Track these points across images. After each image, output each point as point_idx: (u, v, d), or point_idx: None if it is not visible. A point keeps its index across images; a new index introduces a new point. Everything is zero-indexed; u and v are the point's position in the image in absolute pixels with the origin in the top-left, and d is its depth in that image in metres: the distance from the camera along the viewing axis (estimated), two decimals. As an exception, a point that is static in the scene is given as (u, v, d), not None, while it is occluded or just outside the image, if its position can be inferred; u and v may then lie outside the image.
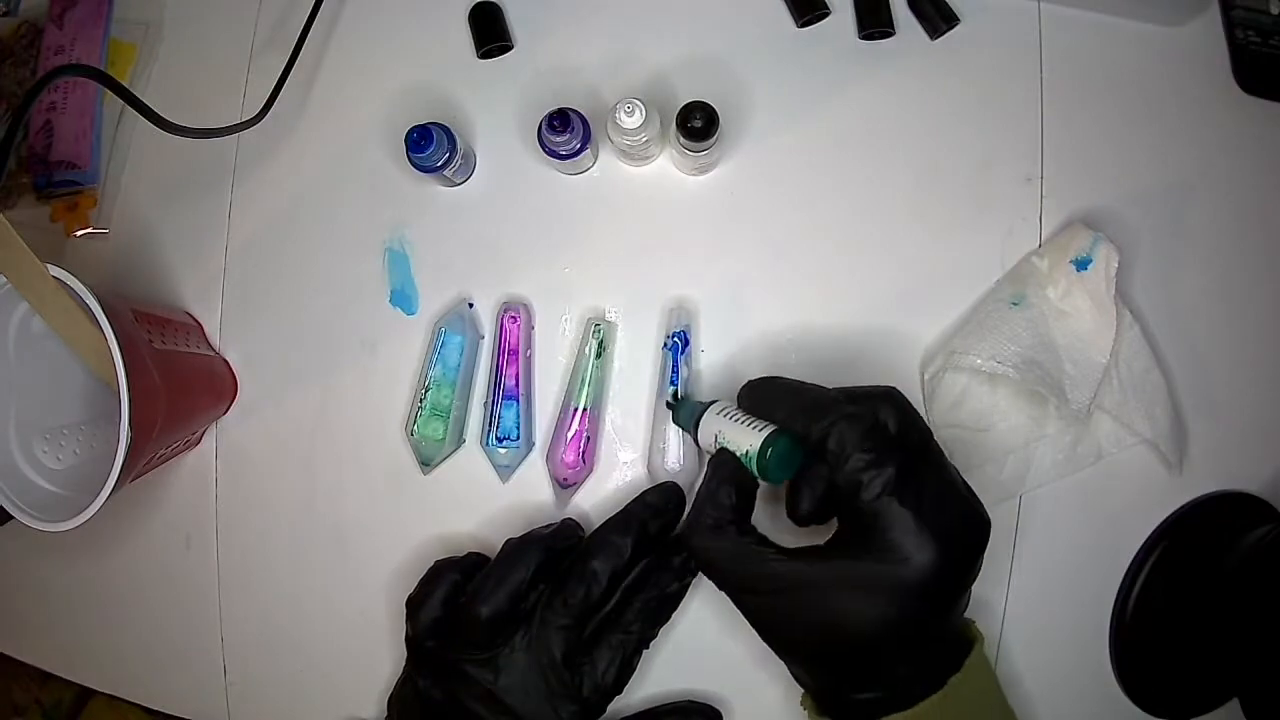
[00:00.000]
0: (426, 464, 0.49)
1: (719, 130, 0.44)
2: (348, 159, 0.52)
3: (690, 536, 0.38)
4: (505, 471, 0.48)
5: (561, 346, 0.49)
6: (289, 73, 0.50)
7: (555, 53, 0.51)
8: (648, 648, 0.43)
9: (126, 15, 0.55)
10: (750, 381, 0.40)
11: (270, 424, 0.51)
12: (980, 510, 0.36)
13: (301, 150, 0.52)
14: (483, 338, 0.49)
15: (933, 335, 0.48)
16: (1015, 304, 0.45)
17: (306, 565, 0.50)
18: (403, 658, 0.44)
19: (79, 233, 0.53)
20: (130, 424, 0.39)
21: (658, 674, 0.47)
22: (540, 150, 0.46)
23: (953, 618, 0.36)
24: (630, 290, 0.49)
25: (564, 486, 0.48)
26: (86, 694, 0.79)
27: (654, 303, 0.49)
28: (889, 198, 0.49)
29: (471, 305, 0.50)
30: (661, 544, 0.43)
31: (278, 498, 0.51)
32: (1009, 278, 0.47)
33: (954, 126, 0.49)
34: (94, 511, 0.40)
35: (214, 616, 0.51)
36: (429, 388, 0.47)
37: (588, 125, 0.46)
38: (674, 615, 0.44)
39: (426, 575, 0.43)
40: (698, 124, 0.43)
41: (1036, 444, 0.46)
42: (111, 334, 0.38)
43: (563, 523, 0.44)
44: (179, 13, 0.55)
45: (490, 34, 0.51)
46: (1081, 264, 0.45)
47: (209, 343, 0.52)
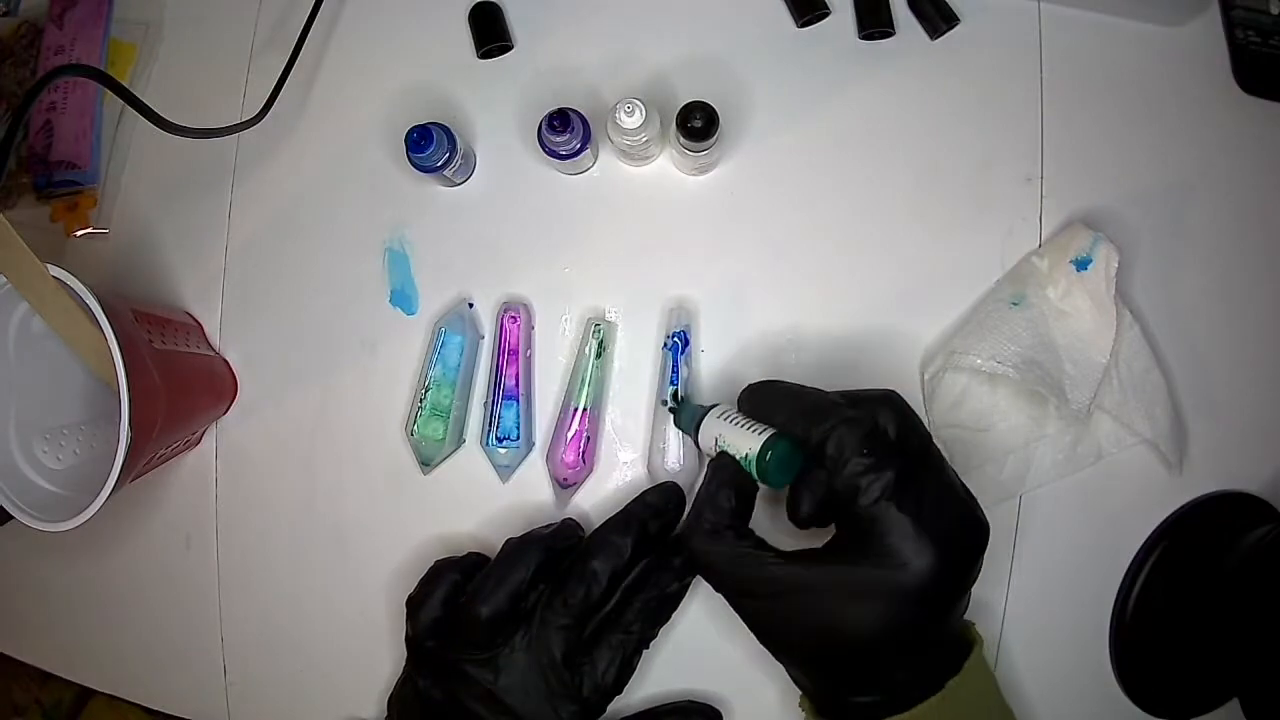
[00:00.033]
0: (426, 464, 0.49)
1: (719, 130, 0.44)
2: (348, 159, 0.52)
3: (688, 539, 0.38)
4: (505, 471, 0.48)
5: (561, 346, 0.49)
6: (289, 73, 0.50)
7: (555, 53, 0.51)
8: (648, 648, 0.43)
9: (126, 15, 0.55)
10: (750, 385, 0.40)
11: (270, 424, 0.51)
12: (979, 515, 0.36)
13: (301, 150, 0.52)
14: (483, 338, 0.49)
15: (933, 335, 0.48)
16: (1015, 304, 0.45)
17: (306, 565, 0.50)
18: (403, 658, 0.44)
19: (79, 233, 0.53)
20: (130, 424, 0.39)
21: (658, 674, 0.47)
22: (540, 150, 0.46)
23: (951, 621, 0.36)
24: (630, 290, 0.49)
25: (564, 486, 0.48)
26: (86, 694, 0.79)
27: (654, 303, 0.49)
28: (889, 198, 0.49)
29: (471, 305, 0.50)
30: (661, 544, 0.43)
31: (278, 498, 0.51)
32: (1009, 278, 0.47)
33: (954, 126, 0.49)
34: (94, 511, 0.40)
35: (214, 616, 0.51)
36: (429, 388, 0.47)
37: (588, 125, 0.46)
38: (674, 615, 0.44)
39: (427, 575, 0.43)
40: (698, 124, 0.43)
41: (1036, 444, 0.46)
42: (111, 334, 0.38)
43: (563, 523, 0.44)
44: (179, 13, 0.55)
45: (490, 34, 0.51)
46: (1081, 264, 0.45)
47: (209, 343, 0.52)
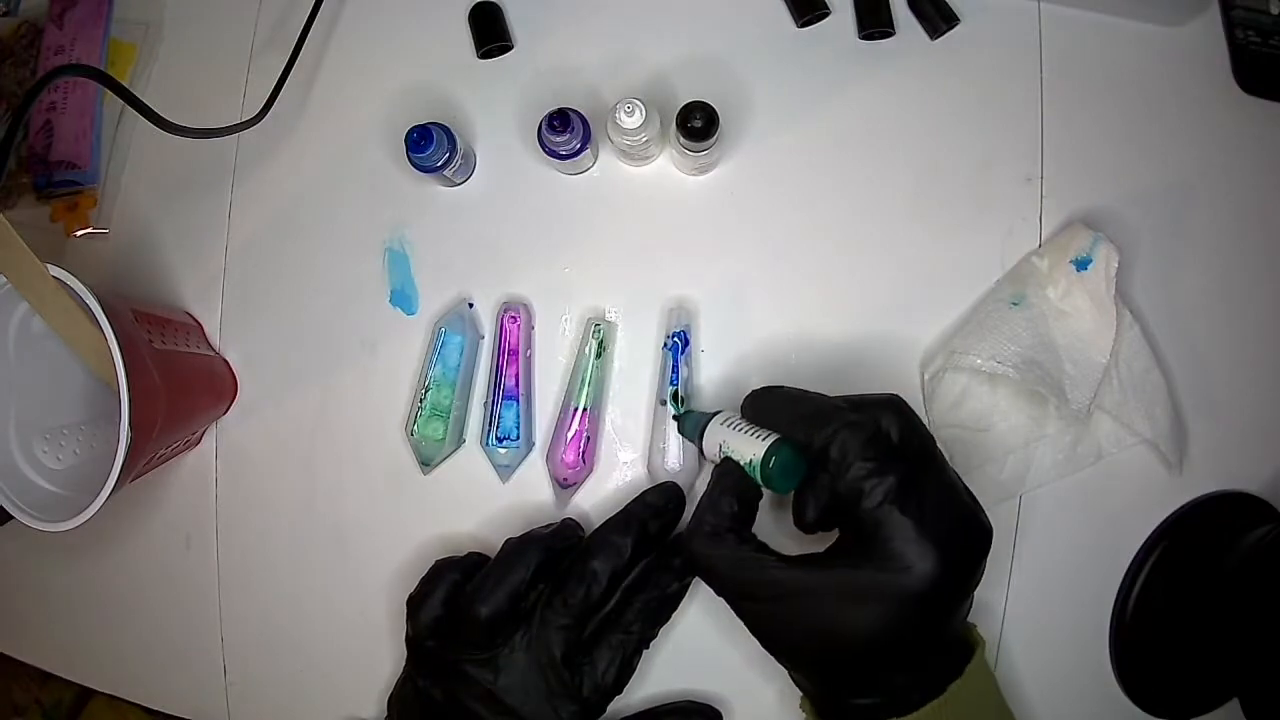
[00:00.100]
0: (426, 464, 0.49)
1: (719, 130, 0.44)
2: (348, 159, 0.52)
3: (689, 543, 0.38)
4: (505, 471, 0.48)
5: (561, 346, 0.49)
6: (289, 73, 0.50)
7: (555, 53, 0.51)
8: (648, 648, 0.43)
9: (126, 15, 0.55)
10: (753, 391, 0.40)
11: (270, 424, 0.51)
12: (982, 518, 0.36)
13: (301, 150, 0.52)
14: (483, 338, 0.49)
15: (933, 335, 0.48)
16: (1015, 304, 0.45)
17: (306, 565, 0.50)
18: (403, 658, 0.44)
19: (79, 233, 0.53)
20: (130, 424, 0.39)
21: (658, 674, 0.47)
22: (540, 150, 0.46)
23: (953, 625, 0.36)
24: (630, 290, 0.49)
25: (564, 486, 0.48)
26: (86, 694, 0.79)
27: (654, 303, 0.49)
28: (889, 198, 0.49)
29: (471, 305, 0.50)
30: (662, 544, 0.43)
31: (278, 498, 0.51)
32: (1009, 278, 0.47)
33: (954, 126, 0.49)
34: (94, 511, 0.40)
35: (214, 616, 0.51)
36: (429, 388, 0.47)
37: (588, 125, 0.46)
38: (674, 615, 0.44)
39: (427, 575, 0.43)
40: (698, 124, 0.43)
41: (1036, 444, 0.46)
42: (111, 334, 0.38)
43: (563, 523, 0.44)
44: (179, 13, 0.55)
45: (490, 34, 0.51)
46: (1081, 264, 0.45)
47: (209, 343, 0.52)
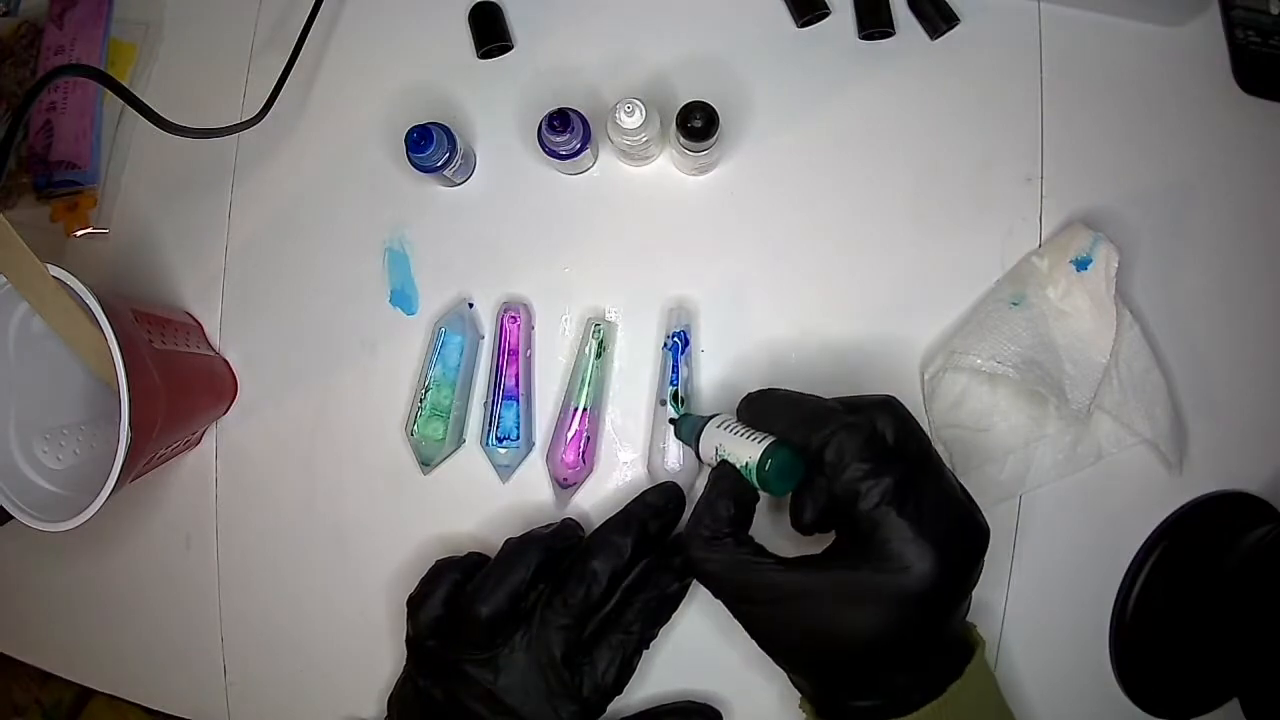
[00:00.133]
0: (426, 464, 0.49)
1: (719, 130, 0.44)
2: (348, 159, 0.52)
3: (687, 547, 0.38)
4: (505, 471, 0.48)
5: (561, 346, 0.49)
6: (289, 73, 0.50)
7: (555, 53, 0.51)
8: (648, 648, 0.43)
9: (126, 15, 0.55)
10: (749, 394, 0.40)
11: (270, 424, 0.51)
12: (979, 518, 0.36)
13: (301, 150, 0.52)
14: (483, 338, 0.49)
15: (933, 335, 0.48)
16: (1015, 304, 0.45)
17: (306, 565, 0.50)
18: (403, 658, 0.44)
19: (79, 233, 0.53)
20: (130, 424, 0.39)
21: (658, 674, 0.47)
22: (540, 150, 0.46)
23: (952, 625, 0.36)
24: (630, 290, 0.49)
25: (564, 486, 0.48)
26: (86, 694, 0.79)
27: (654, 303, 0.49)
28: (889, 198, 0.49)
29: (471, 305, 0.50)
30: (662, 544, 0.43)
31: (278, 498, 0.51)
32: (1009, 278, 0.47)
33: (954, 126, 0.49)
34: (94, 511, 0.40)
35: (214, 616, 0.51)
36: (429, 388, 0.47)
37: (588, 125, 0.46)
38: (674, 616, 0.44)
39: (428, 574, 0.43)
40: (698, 124, 0.43)
41: (1036, 444, 0.46)
42: (111, 334, 0.38)
43: (563, 523, 0.44)
44: (179, 13, 0.55)
45: (490, 34, 0.51)
46: (1081, 264, 0.45)
47: (209, 343, 0.52)
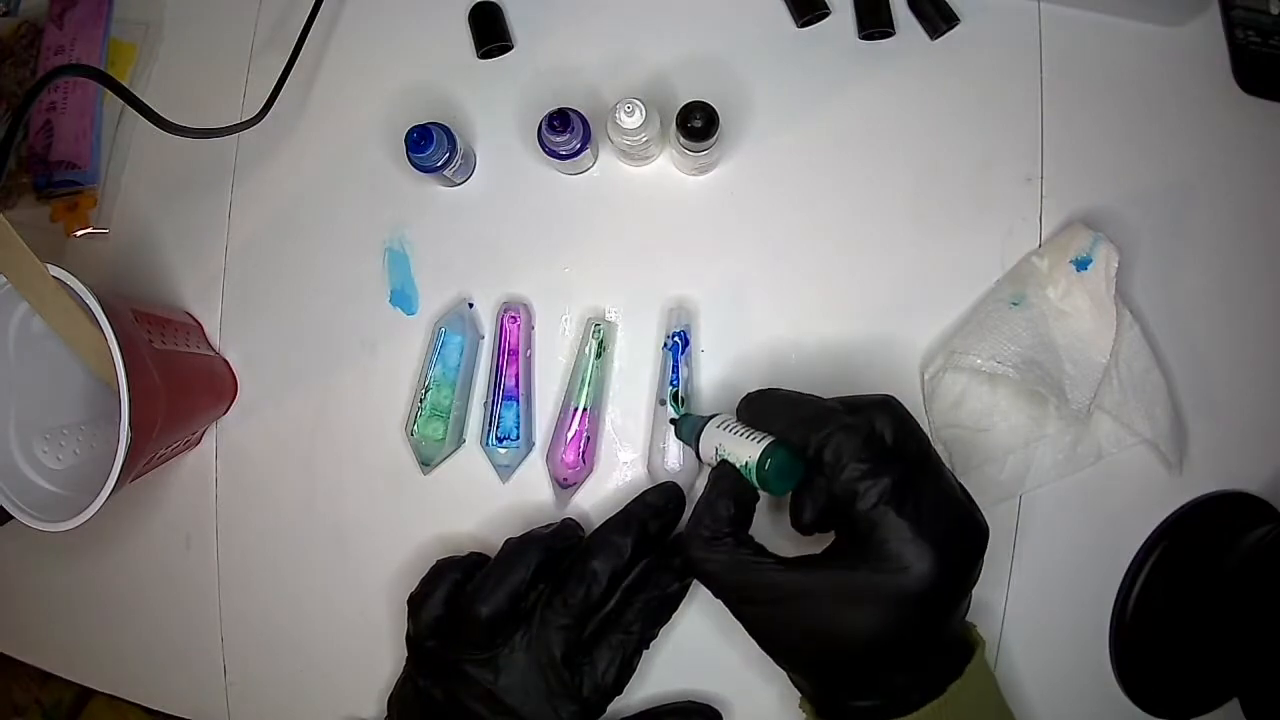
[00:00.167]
0: (426, 464, 0.49)
1: (719, 130, 0.44)
2: (348, 159, 0.52)
3: (687, 547, 0.38)
4: (505, 471, 0.48)
5: (561, 346, 0.49)
6: (289, 73, 0.50)
7: (555, 53, 0.51)
8: (648, 648, 0.43)
9: (126, 15, 0.55)
10: (749, 394, 0.40)
11: (270, 424, 0.51)
12: (978, 518, 0.36)
13: (301, 150, 0.52)
14: (483, 338, 0.49)
15: (933, 335, 0.48)
16: (1015, 304, 0.45)
17: (306, 565, 0.50)
18: (403, 658, 0.44)
19: (79, 233, 0.53)
20: (130, 424, 0.39)
21: (658, 674, 0.47)
22: (540, 150, 0.46)
23: (951, 625, 0.36)
24: (630, 290, 0.49)
25: (564, 486, 0.48)
26: (86, 694, 0.79)
27: (654, 303, 0.49)
28: (889, 198, 0.49)
29: (471, 305, 0.50)
30: (662, 544, 0.43)
31: (278, 498, 0.51)
32: (1009, 278, 0.47)
33: (954, 126, 0.49)
34: (94, 511, 0.40)
35: (214, 616, 0.51)
36: (429, 388, 0.47)
37: (588, 125, 0.46)
38: (674, 615, 0.44)
39: (428, 574, 0.43)
40: (698, 124, 0.43)
41: (1036, 444, 0.46)
42: (111, 334, 0.38)
43: (563, 523, 0.44)
44: (179, 13, 0.55)
45: (490, 34, 0.51)
46: (1081, 264, 0.45)
47: (209, 343, 0.52)
